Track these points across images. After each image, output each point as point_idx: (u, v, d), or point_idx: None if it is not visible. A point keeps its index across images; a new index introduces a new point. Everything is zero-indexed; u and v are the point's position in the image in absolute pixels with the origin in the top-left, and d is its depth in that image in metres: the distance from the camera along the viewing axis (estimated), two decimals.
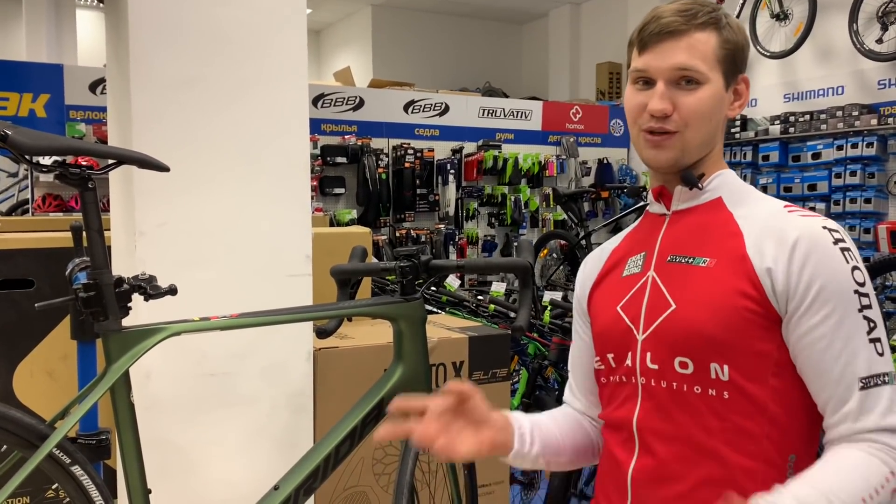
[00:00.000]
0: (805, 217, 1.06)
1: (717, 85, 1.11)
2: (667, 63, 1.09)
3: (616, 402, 1.18)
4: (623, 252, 1.24)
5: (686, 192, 1.15)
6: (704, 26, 1.10)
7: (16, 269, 2.09)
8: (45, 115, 5.64)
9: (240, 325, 1.43)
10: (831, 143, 5.69)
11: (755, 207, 1.12)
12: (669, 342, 1.09)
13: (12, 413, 1.29)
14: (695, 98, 1.09)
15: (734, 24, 1.14)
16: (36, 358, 2.12)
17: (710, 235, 1.11)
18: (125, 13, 1.68)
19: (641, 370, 1.12)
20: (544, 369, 3.18)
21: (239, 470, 1.81)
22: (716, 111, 1.12)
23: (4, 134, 1.15)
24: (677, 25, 1.09)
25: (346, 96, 6.63)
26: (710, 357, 1.05)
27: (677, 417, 1.08)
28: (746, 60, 1.16)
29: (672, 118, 1.09)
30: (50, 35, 7.60)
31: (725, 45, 1.11)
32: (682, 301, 1.09)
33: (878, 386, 0.99)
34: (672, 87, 1.10)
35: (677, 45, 1.09)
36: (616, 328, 1.17)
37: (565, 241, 6.52)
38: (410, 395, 1.15)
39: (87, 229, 1.30)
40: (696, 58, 1.09)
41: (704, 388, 1.06)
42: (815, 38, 5.83)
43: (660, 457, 1.09)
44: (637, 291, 1.16)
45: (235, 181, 1.78)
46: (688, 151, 1.12)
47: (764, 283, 1.03)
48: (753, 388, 1.04)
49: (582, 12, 9.08)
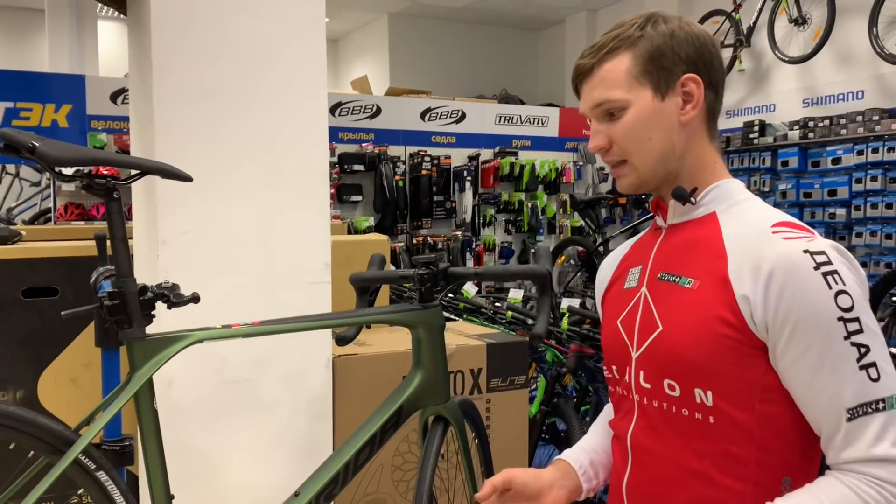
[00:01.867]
0: (788, 240, 1.00)
1: (642, 102, 1.09)
2: (587, 105, 1.14)
3: (619, 413, 1.19)
4: (629, 261, 1.24)
5: (680, 207, 1.14)
6: (612, 53, 1.10)
7: (40, 277, 2.12)
8: (67, 125, 5.73)
9: (261, 332, 1.45)
10: (851, 148, 5.64)
11: (746, 225, 1.06)
12: (657, 364, 1.09)
13: (40, 419, 1.31)
14: (620, 125, 1.10)
15: (662, 30, 1.09)
16: (60, 365, 2.15)
17: (698, 254, 1.09)
18: (148, 25, 1.70)
19: (636, 388, 1.13)
20: (562, 376, 3.18)
21: (260, 476, 1.82)
22: (651, 127, 1.09)
23: (32, 146, 1.18)
24: (586, 65, 1.13)
25: (363, 104, 6.67)
26: (694, 382, 1.04)
27: (668, 437, 1.08)
28: (695, 60, 1.09)
29: (613, 150, 1.13)
30: (72, 46, 7.71)
31: (642, 58, 1.09)
32: (668, 323, 1.08)
33: (867, 415, 0.94)
34: (604, 121, 1.12)
35: (591, 83, 1.12)
36: (615, 342, 1.18)
37: (583, 248, 6.51)
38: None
39: (111, 238, 1.32)
40: (609, 88, 1.10)
41: (691, 412, 1.05)
42: (834, 42, 5.79)
43: (650, 473, 1.10)
44: (633, 307, 1.16)
45: (256, 189, 1.80)
46: (645, 174, 1.12)
47: (743, 311, 1.00)
48: (739, 414, 1.02)
49: (598, 19, 9.07)
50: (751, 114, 6.69)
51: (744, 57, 6.65)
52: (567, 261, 6.88)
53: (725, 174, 1.15)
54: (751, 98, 6.77)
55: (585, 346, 3.02)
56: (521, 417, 2.25)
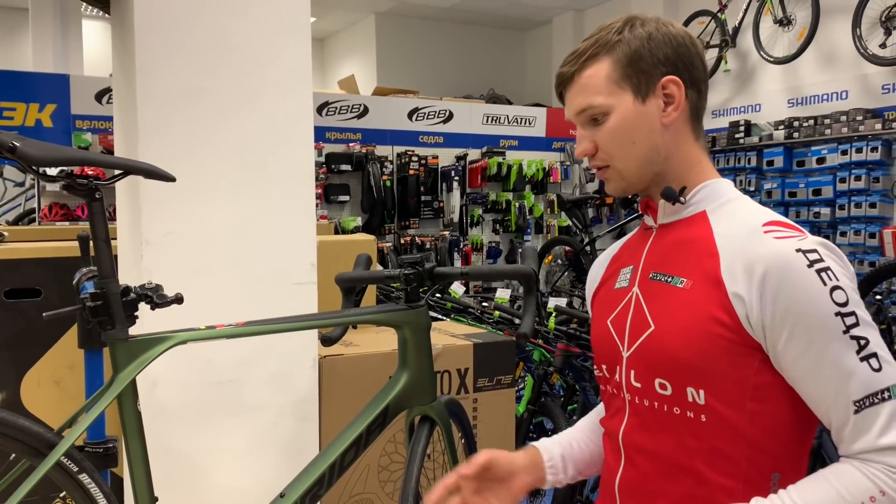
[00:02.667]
0: (779, 239, 1.01)
1: (624, 106, 1.10)
2: (571, 111, 1.15)
3: (610, 411, 1.20)
4: (619, 262, 1.25)
5: (669, 206, 1.14)
6: (592, 59, 1.12)
7: (23, 278, 2.10)
8: (51, 124, 5.68)
9: (245, 333, 1.44)
10: (836, 147, 5.69)
11: (736, 224, 1.07)
12: (648, 363, 1.10)
13: (21, 422, 1.30)
14: (603, 131, 1.12)
15: (639, 34, 1.10)
16: (43, 367, 2.14)
17: (690, 254, 1.09)
18: (131, 25, 1.69)
19: (627, 387, 1.13)
20: (549, 376, 3.19)
21: (245, 477, 1.82)
22: (634, 131, 1.10)
23: (13, 146, 1.17)
24: (567, 72, 1.14)
25: (350, 104, 6.66)
26: (687, 381, 1.05)
27: (659, 435, 1.09)
28: (674, 61, 1.10)
29: (598, 155, 1.14)
30: (56, 45, 7.65)
31: (620, 63, 1.10)
32: (660, 322, 1.09)
33: (874, 405, 0.96)
34: (588, 127, 1.14)
35: (573, 90, 1.14)
36: (605, 342, 1.18)
37: (570, 248, 6.53)
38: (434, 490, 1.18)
39: (94, 239, 1.32)
40: (590, 94, 1.11)
41: (683, 410, 1.06)
42: (818, 43, 5.83)
43: (642, 471, 1.11)
44: (623, 307, 1.17)
45: (241, 190, 1.79)
46: (629, 177, 1.14)
47: (737, 310, 1.01)
48: (730, 412, 1.03)
49: (585, 19, 9.10)
50: (736, 114, 6.74)
51: (729, 57, 6.69)
52: (554, 260, 6.90)
53: (713, 173, 1.16)
54: (736, 98, 6.81)
55: (572, 345, 3.03)
56: (507, 417, 2.26)
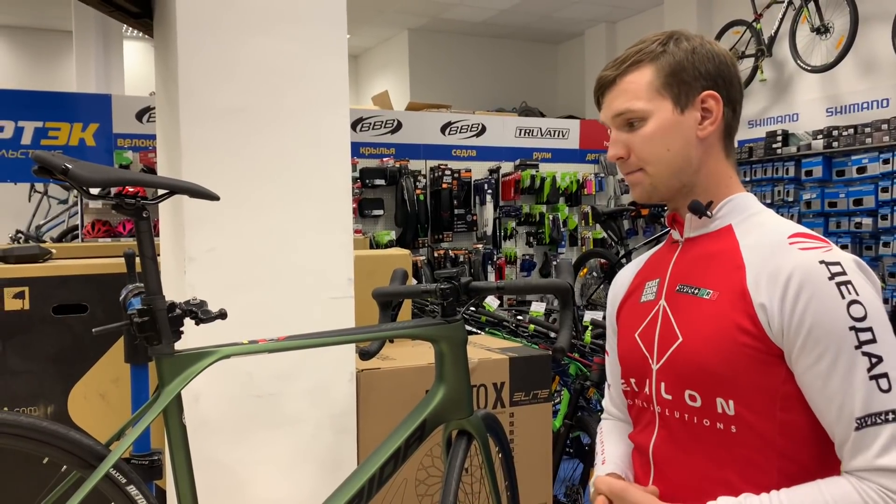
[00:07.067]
0: (805, 250, 1.02)
1: (663, 114, 1.12)
2: (609, 113, 1.17)
3: (639, 425, 1.21)
4: (644, 275, 1.26)
5: (696, 220, 1.16)
6: (635, 66, 1.14)
7: (70, 294, 2.16)
8: (94, 143, 5.83)
9: (287, 347, 1.46)
10: (877, 156, 5.58)
11: (763, 236, 1.09)
12: (678, 375, 1.10)
13: (72, 434, 1.34)
14: (639, 136, 1.14)
15: (684, 47, 1.13)
16: (89, 381, 2.19)
17: (717, 266, 1.11)
18: (174, 47, 1.74)
19: (657, 399, 1.14)
20: (586, 390, 3.16)
21: (285, 490, 1.84)
22: (670, 139, 1.12)
23: (65, 168, 1.21)
24: (609, 76, 1.17)
25: (384, 119, 6.72)
26: (716, 392, 1.05)
27: (689, 447, 1.09)
28: (714, 77, 1.13)
29: (630, 160, 1.16)
30: (98, 66, 7.87)
31: (663, 72, 1.12)
32: (688, 334, 1.10)
33: (876, 425, 0.95)
34: (624, 131, 1.16)
35: (613, 93, 1.16)
36: (634, 355, 1.19)
37: (605, 260, 6.48)
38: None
39: (141, 257, 1.35)
40: (631, 99, 1.13)
41: (713, 422, 1.06)
42: (857, 50, 5.74)
43: (673, 483, 1.11)
44: (651, 320, 1.17)
45: (281, 207, 1.83)
46: (658, 184, 1.15)
47: (761, 319, 1.02)
48: (760, 422, 1.03)
49: (617, 30, 9.08)
50: (773, 123, 6.65)
51: (765, 67, 6.61)
52: (589, 273, 6.86)
53: (740, 188, 1.17)
54: (773, 108, 6.72)
55: None
56: (544, 431, 2.25)
